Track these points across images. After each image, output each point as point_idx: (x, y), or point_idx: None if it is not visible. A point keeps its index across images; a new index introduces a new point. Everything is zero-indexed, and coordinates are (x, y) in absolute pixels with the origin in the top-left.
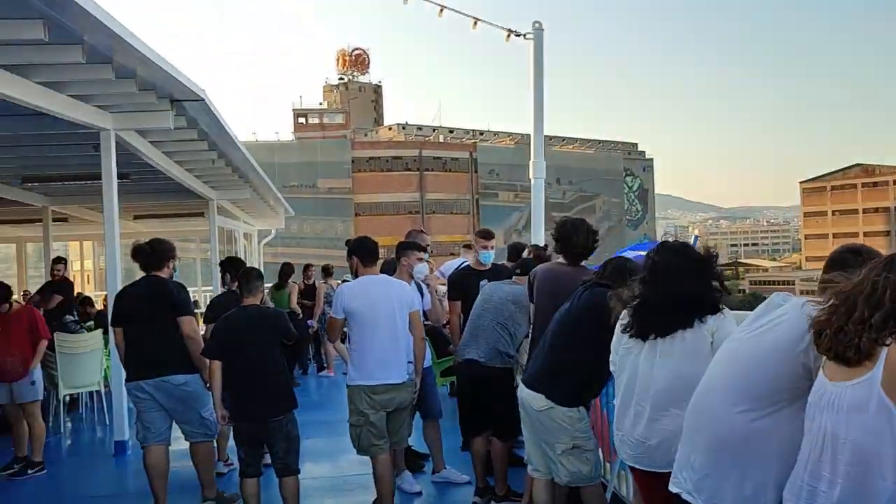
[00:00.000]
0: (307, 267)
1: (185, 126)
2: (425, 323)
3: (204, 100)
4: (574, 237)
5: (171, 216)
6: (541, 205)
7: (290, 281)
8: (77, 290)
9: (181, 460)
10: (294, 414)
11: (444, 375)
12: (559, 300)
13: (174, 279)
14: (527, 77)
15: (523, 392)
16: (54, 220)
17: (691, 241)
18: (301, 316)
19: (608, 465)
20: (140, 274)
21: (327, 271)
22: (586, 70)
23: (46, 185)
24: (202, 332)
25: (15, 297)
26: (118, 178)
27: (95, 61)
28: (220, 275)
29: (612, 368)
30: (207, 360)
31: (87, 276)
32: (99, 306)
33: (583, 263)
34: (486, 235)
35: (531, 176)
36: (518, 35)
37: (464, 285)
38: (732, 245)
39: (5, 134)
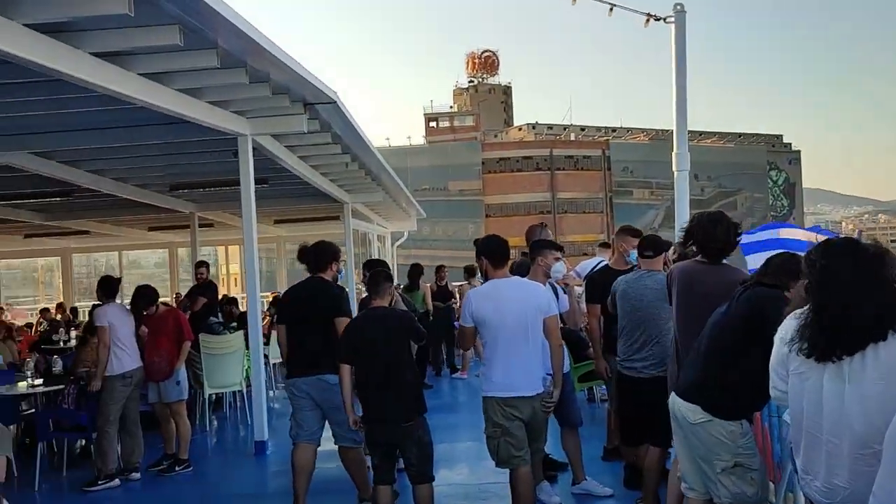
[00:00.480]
0: (440, 268)
1: (319, 129)
2: (562, 327)
3: (336, 102)
4: (713, 231)
5: (309, 220)
6: (685, 199)
7: (421, 282)
8: (224, 292)
9: (326, 462)
10: (425, 419)
11: (583, 381)
12: (704, 301)
13: (338, 281)
14: (664, 67)
15: (676, 402)
16: (201, 225)
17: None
18: (433, 317)
19: (772, 485)
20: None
21: (471, 272)
22: (724, 59)
23: (192, 191)
24: None
25: (168, 299)
26: (257, 183)
27: (229, 66)
28: (360, 276)
29: (773, 394)
30: None
31: (234, 278)
32: (243, 308)
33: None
34: (636, 233)
35: (674, 168)
36: (658, 19)
37: (605, 286)
38: (893, 241)
39: (152, 143)
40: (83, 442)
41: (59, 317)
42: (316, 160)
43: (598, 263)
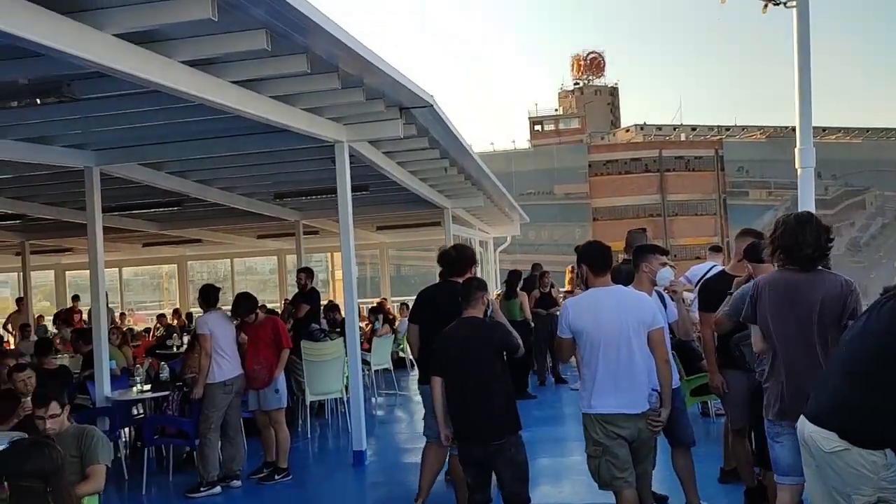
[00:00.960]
0: (543, 274)
1: (416, 134)
2: (672, 338)
3: (432, 105)
4: (800, 236)
5: (410, 226)
6: (810, 198)
7: (518, 290)
8: (331, 298)
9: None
10: (520, 436)
11: (696, 395)
12: (814, 314)
13: None
14: (783, 59)
15: (807, 429)
16: (306, 232)
17: None
18: (535, 326)
19: None
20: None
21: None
22: (846, 48)
23: (296, 200)
24: None
25: (278, 305)
26: (356, 190)
27: (321, 71)
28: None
29: None
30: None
31: (339, 284)
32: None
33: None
34: (759, 237)
35: (797, 165)
36: (777, 3)
37: (721, 294)
38: None
39: (253, 152)
40: (188, 448)
41: (174, 322)
42: (414, 165)
43: (711, 268)
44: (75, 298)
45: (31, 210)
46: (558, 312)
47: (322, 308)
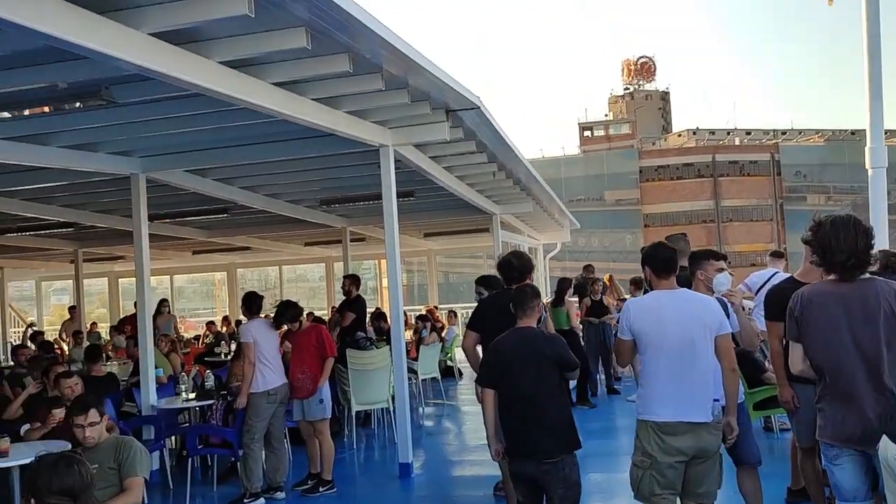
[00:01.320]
0: (594, 281)
1: (463, 137)
2: (735, 348)
3: (479, 107)
4: (834, 241)
5: (458, 233)
6: (881, 200)
7: (566, 297)
8: (377, 306)
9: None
10: (575, 456)
11: (759, 409)
12: (862, 327)
13: None
14: (846, 57)
15: (890, 449)
16: (353, 240)
17: None
18: (585, 335)
19: None
20: None
21: (637, 284)
22: None
23: (342, 206)
24: None
25: (325, 313)
26: (402, 196)
27: (364, 71)
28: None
29: None
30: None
31: (387, 292)
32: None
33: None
34: None
35: (868, 166)
36: None
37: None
38: None
39: (296, 158)
40: (232, 458)
41: (224, 329)
42: (461, 170)
43: (773, 275)
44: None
45: (81, 218)
46: (610, 320)
47: (368, 316)
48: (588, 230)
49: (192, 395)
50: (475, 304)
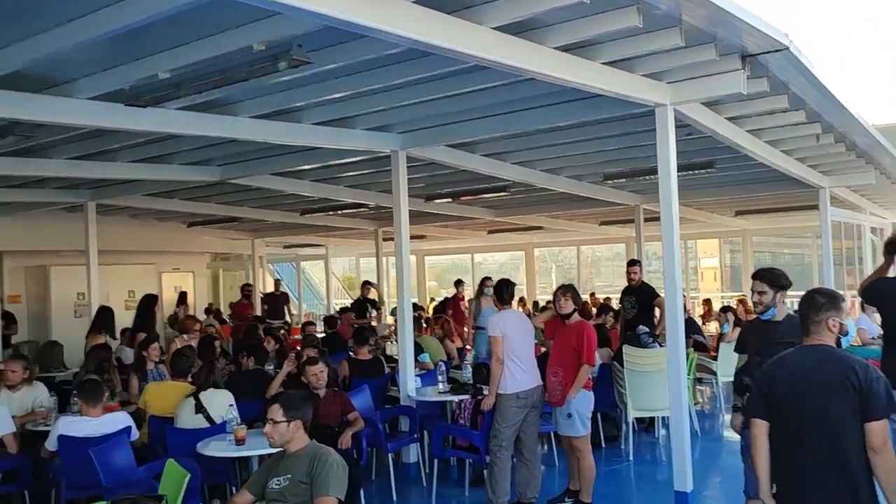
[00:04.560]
0: None
1: (768, 91)
2: None
3: (788, 48)
4: None
5: (777, 210)
6: None
7: None
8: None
9: None
10: None
11: None
12: None
13: None
14: None
15: None
16: (648, 218)
17: None
18: None
19: None
20: None
21: None
22: None
23: (632, 181)
24: None
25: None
26: (700, 167)
27: (617, 5)
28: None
29: None
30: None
31: (714, 273)
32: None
33: None
34: None
35: None
36: None
37: None
38: None
39: (564, 126)
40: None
41: (520, 310)
42: (773, 134)
43: None
44: (458, 283)
45: (368, 198)
46: None
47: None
48: None
49: (445, 388)
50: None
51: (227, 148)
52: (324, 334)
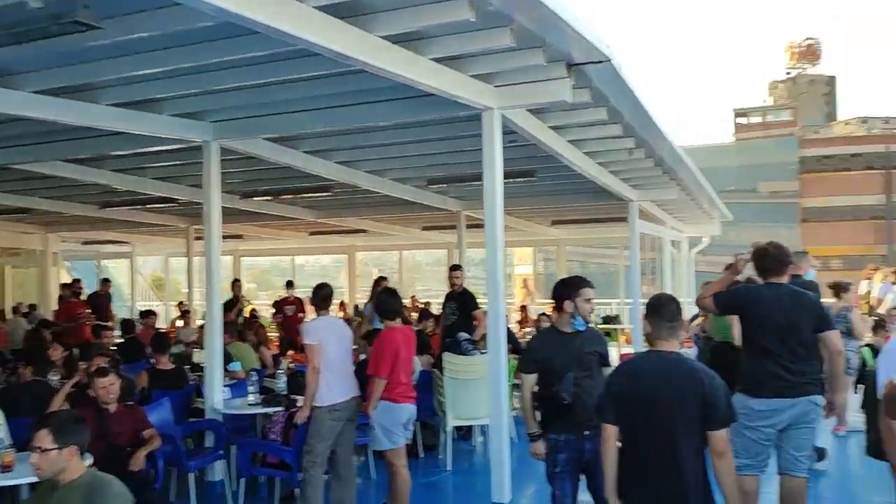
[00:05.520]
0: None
1: (590, 102)
2: None
3: (610, 61)
4: None
5: (591, 221)
6: None
7: None
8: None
9: None
10: None
11: None
12: None
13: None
14: None
15: None
16: (471, 225)
17: None
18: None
19: None
20: None
21: (841, 289)
22: None
23: (455, 186)
24: None
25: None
26: (522, 175)
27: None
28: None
29: None
30: None
31: (527, 281)
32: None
33: None
34: None
35: None
36: None
37: None
38: None
39: (386, 127)
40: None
41: (340, 315)
42: (591, 146)
43: None
44: (289, 285)
45: (179, 193)
46: None
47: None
48: (739, 223)
49: (256, 399)
50: None
51: (8, 127)
52: (121, 340)
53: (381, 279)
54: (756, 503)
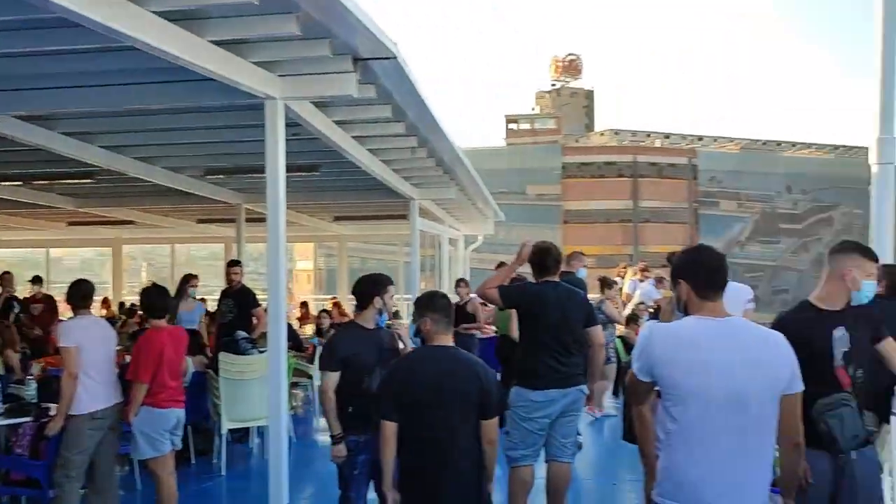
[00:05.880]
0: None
1: (375, 98)
2: None
3: (396, 58)
4: None
5: (373, 218)
6: (887, 205)
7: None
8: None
9: None
10: None
11: None
12: None
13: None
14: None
15: None
16: (251, 219)
17: None
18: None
19: None
20: None
21: (606, 283)
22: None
23: (236, 179)
24: None
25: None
26: (306, 170)
27: None
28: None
29: None
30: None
31: (308, 276)
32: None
33: None
34: (873, 256)
35: (873, 161)
36: None
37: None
38: None
39: (157, 109)
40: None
41: (104, 313)
42: (375, 143)
43: None
44: (35, 281)
45: None
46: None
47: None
48: (510, 223)
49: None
50: None
51: None
52: None
53: (189, 276)
54: (530, 491)
